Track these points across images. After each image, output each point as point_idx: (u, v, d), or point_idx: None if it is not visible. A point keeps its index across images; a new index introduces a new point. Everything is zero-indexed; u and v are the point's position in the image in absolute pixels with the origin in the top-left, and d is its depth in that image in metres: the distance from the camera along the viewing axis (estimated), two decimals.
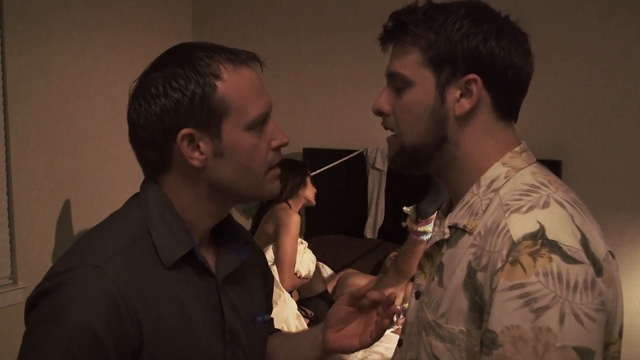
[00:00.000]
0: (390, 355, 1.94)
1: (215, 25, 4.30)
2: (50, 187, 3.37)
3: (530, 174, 1.02)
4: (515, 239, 0.91)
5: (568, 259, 0.88)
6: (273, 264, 3.11)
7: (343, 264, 3.60)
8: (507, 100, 1.05)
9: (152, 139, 1.05)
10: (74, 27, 3.48)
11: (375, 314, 1.23)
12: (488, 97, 1.03)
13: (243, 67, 1.08)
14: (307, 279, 3.21)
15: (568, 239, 0.90)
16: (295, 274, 3.13)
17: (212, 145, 1.05)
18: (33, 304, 1.02)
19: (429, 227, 2.91)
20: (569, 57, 3.21)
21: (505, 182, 1.01)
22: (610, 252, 0.97)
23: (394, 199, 3.64)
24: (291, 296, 3.10)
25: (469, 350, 0.96)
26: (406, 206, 2.99)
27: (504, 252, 0.91)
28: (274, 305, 2.95)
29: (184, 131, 1.03)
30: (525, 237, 0.90)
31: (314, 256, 3.29)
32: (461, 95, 1.02)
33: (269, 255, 3.11)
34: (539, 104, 3.28)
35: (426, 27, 1.02)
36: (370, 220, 3.77)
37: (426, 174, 1.14)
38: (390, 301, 1.20)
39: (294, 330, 2.90)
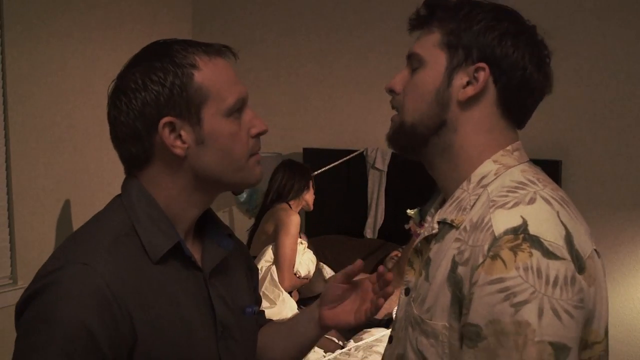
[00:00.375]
0: None
1: (215, 25, 4.30)
2: (50, 187, 3.37)
3: (519, 172, 1.03)
4: (496, 233, 0.92)
5: (549, 254, 0.89)
6: (272, 264, 3.11)
7: (343, 264, 3.60)
8: (513, 100, 1.06)
9: (133, 133, 1.07)
10: (74, 27, 3.48)
11: (372, 292, 1.24)
12: (494, 91, 1.05)
13: (217, 58, 1.11)
14: (307, 279, 3.21)
15: (550, 234, 0.91)
16: (295, 274, 3.14)
17: (193, 134, 1.07)
18: (24, 307, 1.02)
19: None
20: (569, 57, 3.21)
21: (494, 179, 1.02)
22: (596, 251, 0.98)
23: (394, 199, 3.65)
24: (291, 296, 3.10)
25: (451, 346, 0.97)
26: (410, 209, 3.00)
27: (486, 246, 0.92)
28: (272, 306, 2.95)
29: (165, 119, 1.05)
30: (507, 232, 0.91)
31: (314, 256, 3.30)
32: (468, 83, 1.04)
33: (269, 255, 3.11)
34: (539, 104, 3.28)
35: (452, 14, 1.06)
36: (370, 220, 3.78)
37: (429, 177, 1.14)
38: (387, 281, 1.21)
39: None
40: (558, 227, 0.93)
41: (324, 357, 2.80)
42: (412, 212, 3.01)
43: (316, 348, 2.95)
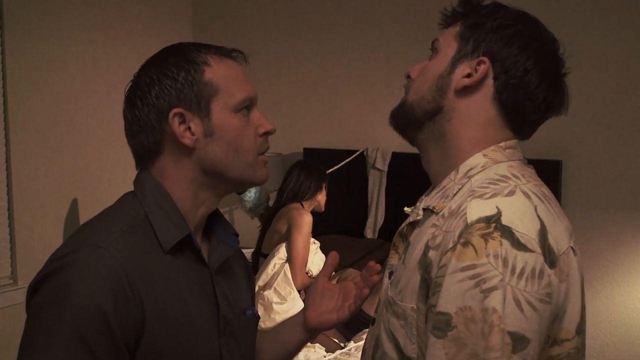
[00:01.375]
0: None
1: (215, 25, 4.30)
2: (50, 187, 3.37)
3: (506, 167, 1.04)
4: (469, 220, 0.93)
5: (518, 245, 0.90)
6: (286, 262, 3.13)
7: (343, 264, 3.60)
8: (510, 101, 1.06)
9: (146, 125, 1.12)
10: (74, 27, 3.48)
11: (354, 287, 1.27)
12: (492, 87, 1.06)
13: (228, 59, 1.16)
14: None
15: (523, 226, 0.92)
16: (307, 273, 3.17)
17: (202, 126, 1.11)
18: (35, 288, 1.03)
19: None
20: (569, 57, 3.20)
21: (480, 171, 1.03)
22: (573, 249, 0.98)
23: (394, 199, 3.65)
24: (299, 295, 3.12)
25: (418, 328, 0.97)
26: (407, 207, 3.00)
27: (457, 232, 0.93)
28: (283, 302, 2.97)
29: (175, 110, 1.10)
30: (479, 220, 0.92)
31: (324, 256, 3.33)
32: (469, 74, 1.06)
33: (282, 252, 3.13)
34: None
35: (477, 10, 1.10)
36: (370, 220, 3.78)
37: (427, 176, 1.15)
38: (374, 269, 1.24)
39: None
40: (533, 220, 0.94)
41: (324, 357, 2.80)
42: (409, 210, 3.01)
43: (317, 348, 2.95)
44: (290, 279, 3.07)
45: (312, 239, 3.25)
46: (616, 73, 3.13)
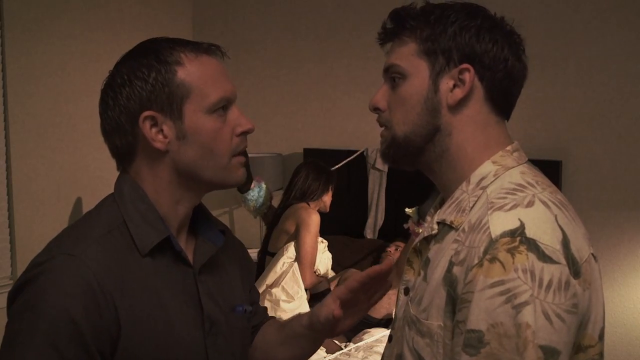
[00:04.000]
0: None
1: (215, 25, 4.30)
2: (50, 187, 3.37)
3: (519, 174, 1.03)
4: (493, 236, 0.92)
5: (544, 257, 0.89)
6: (294, 261, 3.15)
7: (343, 264, 3.60)
8: (500, 93, 1.06)
9: (118, 127, 1.10)
10: (74, 27, 3.48)
11: (362, 293, 1.18)
12: (481, 88, 1.05)
13: (204, 55, 1.12)
14: (324, 277, 3.26)
15: (547, 237, 0.91)
16: (315, 272, 3.18)
17: (175, 128, 1.09)
18: (14, 296, 1.05)
19: None
20: (569, 57, 3.21)
21: (493, 180, 1.02)
22: (593, 255, 0.98)
23: (394, 199, 3.65)
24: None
25: (445, 345, 0.97)
26: (408, 208, 3.00)
27: (482, 248, 0.92)
28: (290, 300, 2.98)
29: (146, 113, 1.07)
30: (504, 234, 0.91)
31: (330, 255, 3.37)
32: (454, 85, 1.04)
33: (291, 252, 3.15)
34: (539, 104, 3.28)
35: (423, 20, 1.06)
36: (370, 220, 3.78)
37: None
38: (382, 275, 1.15)
39: None
40: (555, 230, 0.93)
41: (324, 358, 2.80)
42: (410, 211, 3.01)
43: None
44: (299, 278, 3.09)
45: (320, 238, 3.27)
46: (616, 73, 3.13)
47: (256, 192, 3.53)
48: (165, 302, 1.10)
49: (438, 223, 1.06)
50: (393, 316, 1.09)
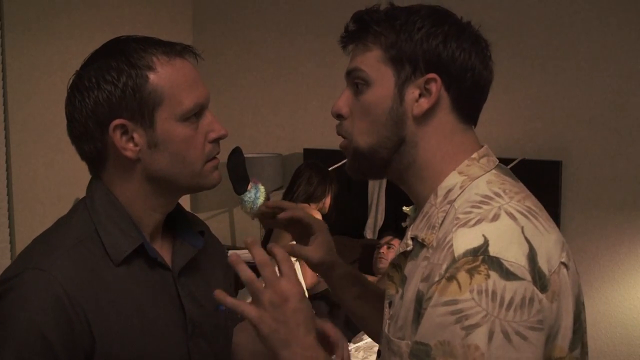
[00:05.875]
0: None
1: (215, 25, 4.30)
2: (50, 187, 3.37)
3: (485, 184, 0.99)
4: (456, 254, 0.90)
5: (508, 275, 0.87)
6: (297, 261, 3.15)
7: None
8: (467, 102, 1.03)
9: (86, 132, 1.06)
10: (74, 27, 3.48)
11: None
12: (447, 98, 1.01)
13: (177, 59, 1.07)
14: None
15: (512, 253, 0.89)
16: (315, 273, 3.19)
17: (146, 137, 1.05)
18: None
19: None
20: (569, 57, 3.21)
21: (460, 193, 0.99)
22: (564, 263, 0.94)
23: (394, 199, 3.65)
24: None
25: None
26: (406, 206, 3.00)
27: (444, 266, 0.91)
28: None
29: (116, 122, 1.04)
30: (466, 254, 0.89)
31: None
32: (420, 95, 1.00)
33: None
34: (539, 104, 3.28)
35: (388, 25, 1.02)
36: (370, 220, 3.77)
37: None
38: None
39: None
40: (521, 244, 0.90)
41: None
42: (408, 209, 3.01)
43: None
44: (301, 277, 3.09)
45: None
46: (616, 73, 3.13)
47: (253, 194, 3.53)
48: (145, 308, 1.08)
49: (412, 239, 1.03)
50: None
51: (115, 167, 1.09)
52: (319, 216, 3.22)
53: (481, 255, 0.88)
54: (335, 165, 3.59)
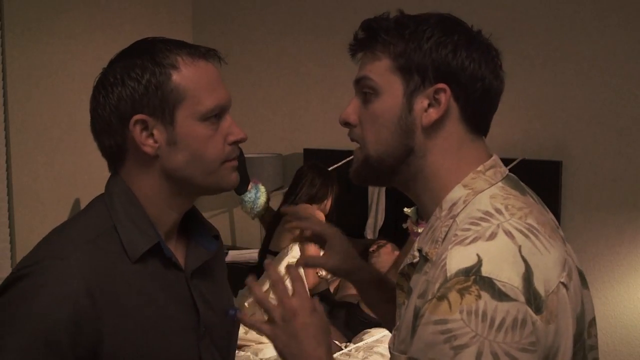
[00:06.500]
0: None
1: (215, 25, 4.30)
2: (50, 187, 3.37)
3: (488, 198, 0.98)
4: (448, 274, 0.90)
5: (500, 295, 0.87)
6: None
7: None
8: (476, 112, 1.03)
9: (108, 126, 1.08)
10: (74, 27, 3.48)
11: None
12: (456, 108, 1.01)
13: (201, 60, 1.09)
14: (324, 278, 3.27)
15: (505, 274, 0.88)
16: (317, 274, 3.19)
17: (165, 133, 1.06)
18: (1, 292, 1.04)
19: None
20: (569, 57, 3.21)
21: (463, 208, 0.98)
22: (564, 283, 0.93)
23: (395, 199, 3.64)
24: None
25: None
26: (407, 207, 2.99)
27: (437, 284, 0.90)
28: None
29: (137, 117, 1.05)
30: (458, 273, 0.89)
31: None
32: (429, 105, 1.00)
33: (296, 252, 3.16)
34: (539, 104, 3.28)
35: (397, 34, 1.01)
36: (370, 220, 3.77)
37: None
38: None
39: None
40: (516, 264, 0.89)
41: None
42: (409, 211, 3.01)
43: None
44: (303, 278, 3.10)
45: None
46: (616, 73, 3.13)
47: (253, 194, 3.53)
48: (159, 306, 1.09)
49: (419, 250, 1.03)
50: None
51: (134, 163, 1.09)
52: (322, 217, 3.24)
53: (473, 276, 0.88)
54: (335, 166, 3.59)
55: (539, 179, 2.95)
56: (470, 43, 1.00)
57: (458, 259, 0.90)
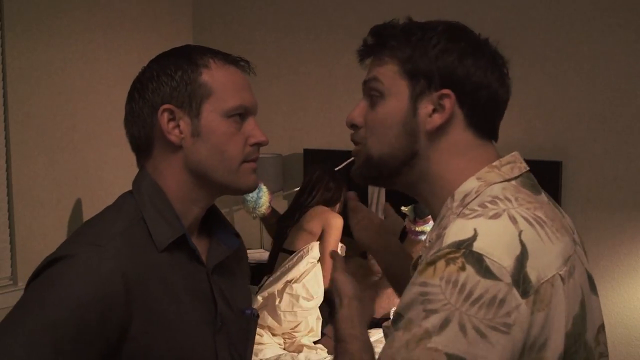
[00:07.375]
0: None
1: (215, 25, 4.30)
2: (50, 187, 3.37)
3: (500, 188, 0.99)
4: (444, 243, 0.92)
5: (485, 272, 0.87)
6: (318, 262, 3.19)
7: None
8: (481, 119, 1.04)
9: (139, 117, 1.15)
10: (74, 27, 3.48)
11: None
12: (461, 114, 1.02)
13: (232, 66, 1.19)
14: None
15: (497, 253, 0.89)
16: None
17: (191, 125, 1.13)
18: (36, 274, 1.07)
19: (427, 227, 2.92)
20: (569, 57, 3.21)
21: (475, 197, 0.99)
22: (561, 276, 0.93)
23: (394, 199, 3.64)
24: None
25: None
26: (404, 206, 3.00)
27: (433, 251, 0.93)
28: (310, 300, 3.06)
29: (165, 106, 1.12)
30: (451, 245, 0.90)
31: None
32: (434, 110, 1.02)
33: (315, 252, 3.19)
34: (539, 104, 3.28)
35: (404, 40, 1.03)
36: None
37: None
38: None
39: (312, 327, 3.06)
40: (512, 246, 0.90)
41: (325, 359, 2.81)
42: (407, 209, 3.01)
43: (319, 350, 2.96)
44: (321, 279, 3.16)
45: (340, 244, 3.33)
46: (616, 73, 3.13)
47: (255, 194, 3.54)
48: (180, 297, 1.13)
49: (430, 242, 1.03)
50: (391, 316, 1.09)
51: (159, 153, 1.15)
52: (340, 220, 3.31)
53: (463, 249, 0.89)
54: (340, 166, 3.60)
55: (539, 179, 2.91)
56: (476, 51, 1.02)
57: (455, 230, 0.93)
